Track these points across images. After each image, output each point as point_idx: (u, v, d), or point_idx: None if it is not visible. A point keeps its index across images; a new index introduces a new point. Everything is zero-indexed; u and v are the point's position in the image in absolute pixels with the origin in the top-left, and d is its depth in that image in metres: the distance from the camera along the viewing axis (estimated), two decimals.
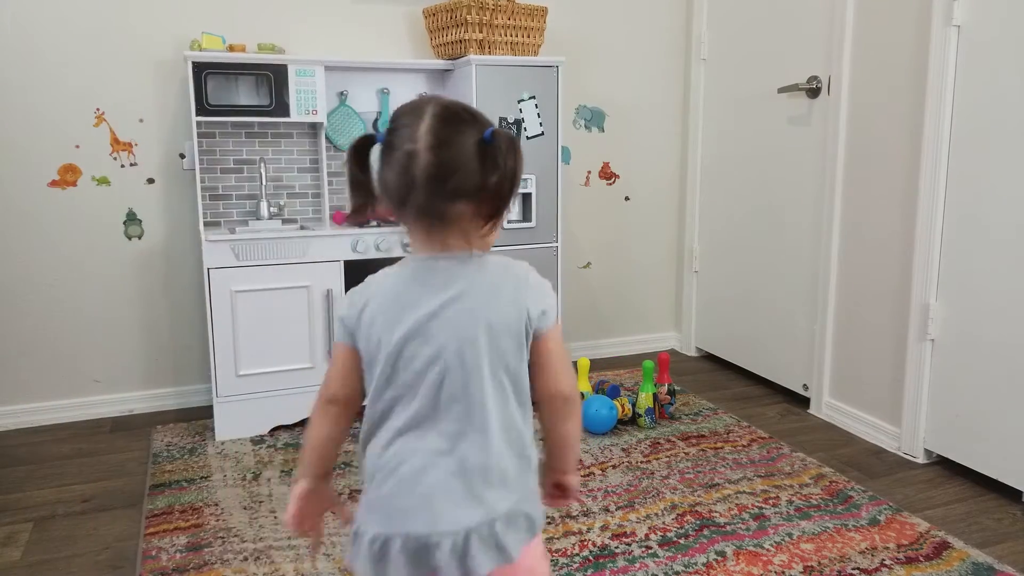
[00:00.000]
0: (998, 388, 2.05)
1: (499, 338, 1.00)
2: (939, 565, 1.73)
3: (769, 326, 2.93)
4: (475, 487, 0.99)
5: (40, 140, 2.53)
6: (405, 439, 1.01)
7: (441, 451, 0.99)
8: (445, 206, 0.98)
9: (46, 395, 2.66)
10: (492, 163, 0.97)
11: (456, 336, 0.99)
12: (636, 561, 1.75)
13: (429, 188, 0.96)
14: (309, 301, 2.49)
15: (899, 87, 2.29)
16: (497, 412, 1.00)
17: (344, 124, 2.79)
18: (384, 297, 1.04)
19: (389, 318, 1.01)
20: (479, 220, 1.00)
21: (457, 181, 0.96)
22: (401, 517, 0.98)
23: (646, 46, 3.26)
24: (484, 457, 0.99)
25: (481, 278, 1.02)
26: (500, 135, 0.98)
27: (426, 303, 1.00)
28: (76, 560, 1.80)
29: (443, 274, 1.01)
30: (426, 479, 0.98)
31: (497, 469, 1.00)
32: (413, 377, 1.00)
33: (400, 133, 0.98)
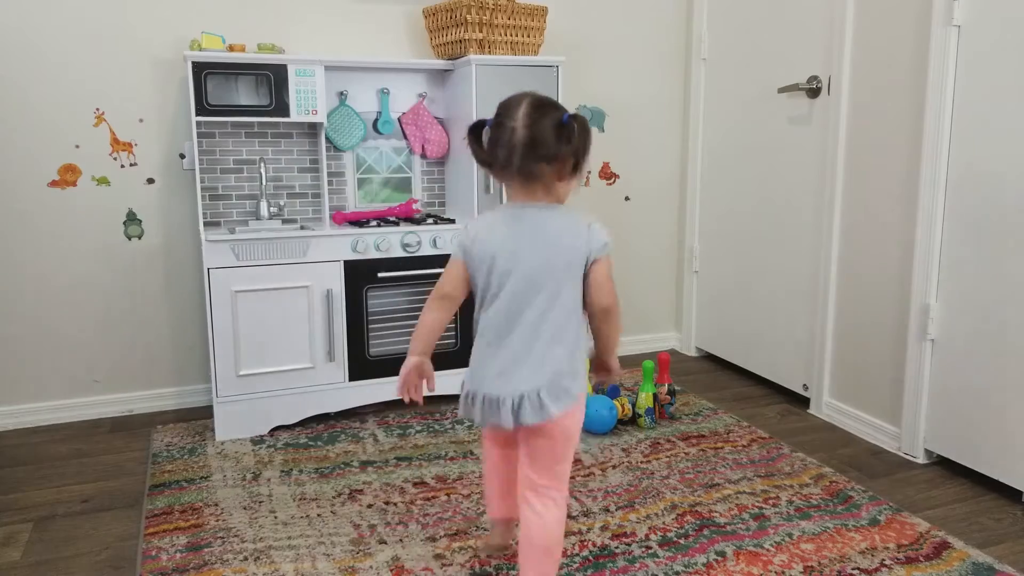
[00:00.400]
0: (998, 388, 2.05)
1: (558, 262, 1.45)
2: (939, 565, 1.73)
3: (769, 326, 2.93)
4: (527, 365, 1.45)
5: (40, 140, 2.53)
6: (489, 326, 1.50)
7: (509, 338, 1.47)
8: (533, 166, 1.43)
9: (46, 395, 2.66)
10: (566, 138, 1.42)
11: (527, 258, 1.45)
12: (636, 561, 1.75)
13: (523, 152, 1.41)
14: (309, 301, 2.49)
15: (899, 87, 2.29)
16: (549, 313, 1.45)
17: (344, 124, 2.79)
18: (487, 230, 1.50)
19: (489, 244, 1.48)
20: (557, 178, 1.46)
21: (542, 149, 1.41)
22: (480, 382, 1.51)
23: (646, 46, 3.26)
24: (536, 343, 1.45)
25: (552, 221, 1.47)
26: (574, 119, 1.44)
27: (513, 235, 1.47)
28: (76, 560, 1.80)
29: (528, 217, 1.48)
30: (495, 359, 1.48)
31: (545, 354, 1.45)
32: (497, 283, 1.47)
33: (504, 116, 1.43)
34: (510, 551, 1.75)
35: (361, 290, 2.56)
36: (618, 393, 2.76)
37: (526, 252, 1.46)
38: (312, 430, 2.53)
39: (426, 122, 2.86)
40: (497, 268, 1.47)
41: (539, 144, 1.41)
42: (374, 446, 2.40)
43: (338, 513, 1.98)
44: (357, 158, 2.86)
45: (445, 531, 1.88)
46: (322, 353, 2.53)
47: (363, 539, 1.85)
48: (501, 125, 1.43)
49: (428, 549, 1.80)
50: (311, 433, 2.51)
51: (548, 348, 1.46)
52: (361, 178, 2.87)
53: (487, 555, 1.78)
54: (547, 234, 1.46)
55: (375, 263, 2.56)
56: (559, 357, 1.47)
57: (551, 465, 1.50)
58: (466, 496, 2.06)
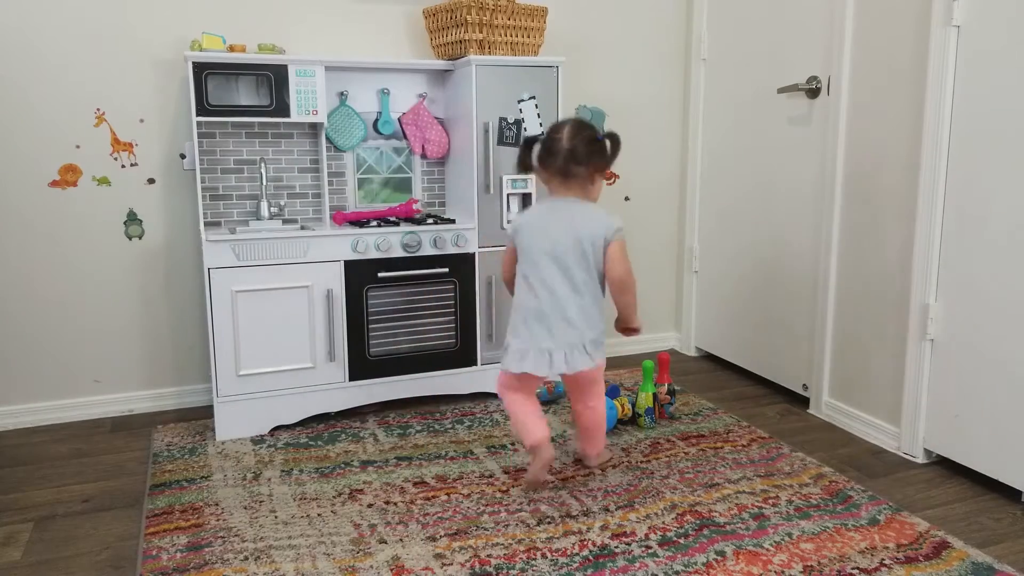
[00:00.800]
0: (998, 388, 2.05)
1: (583, 243, 1.95)
2: (939, 565, 1.73)
3: (769, 326, 2.93)
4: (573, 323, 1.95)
5: (40, 140, 2.54)
6: (529, 294, 1.98)
7: (551, 300, 1.96)
8: (571, 168, 1.98)
9: (46, 395, 2.66)
10: (598, 150, 2.00)
11: (560, 239, 1.96)
12: (636, 561, 1.75)
13: (565, 158, 1.97)
14: (309, 301, 2.49)
15: (899, 87, 2.29)
16: (578, 285, 1.96)
17: (344, 124, 2.79)
18: (530, 217, 2.05)
19: (529, 229, 2.01)
20: (591, 180, 2.03)
21: (578, 156, 1.97)
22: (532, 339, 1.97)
23: (646, 46, 3.26)
24: (574, 305, 1.95)
25: (581, 211, 1.99)
26: (606, 136, 2.00)
27: (548, 220, 2.00)
28: (76, 560, 1.81)
29: (562, 207, 2.01)
30: (541, 321, 1.96)
31: (585, 313, 1.96)
32: (535, 259, 1.98)
33: (554, 133, 2.01)
34: (548, 485, 2.11)
35: (361, 290, 2.56)
36: (618, 393, 2.76)
37: (559, 233, 1.96)
38: (312, 430, 2.53)
39: (426, 122, 2.86)
40: (536, 245, 1.98)
41: (577, 152, 1.97)
42: (374, 446, 2.41)
43: (338, 513, 1.98)
44: (357, 158, 2.86)
45: (445, 531, 1.88)
46: (322, 353, 2.53)
47: (363, 539, 1.85)
48: (551, 139, 2.00)
49: (428, 549, 1.80)
50: (311, 433, 2.51)
51: (586, 309, 1.97)
52: (361, 178, 2.87)
53: (531, 493, 2.08)
54: (574, 220, 1.97)
55: (375, 263, 2.56)
56: (595, 316, 1.99)
57: (598, 391, 2.09)
58: (466, 496, 2.06)
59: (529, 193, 2.73)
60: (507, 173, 2.70)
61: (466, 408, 2.72)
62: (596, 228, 1.95)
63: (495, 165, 2.68)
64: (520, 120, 2.69)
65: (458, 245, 2.66)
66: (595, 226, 1.95)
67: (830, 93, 2.54)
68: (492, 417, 2.63)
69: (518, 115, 2.69)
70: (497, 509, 1.99)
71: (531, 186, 2.73)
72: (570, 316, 1.95)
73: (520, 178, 2.71)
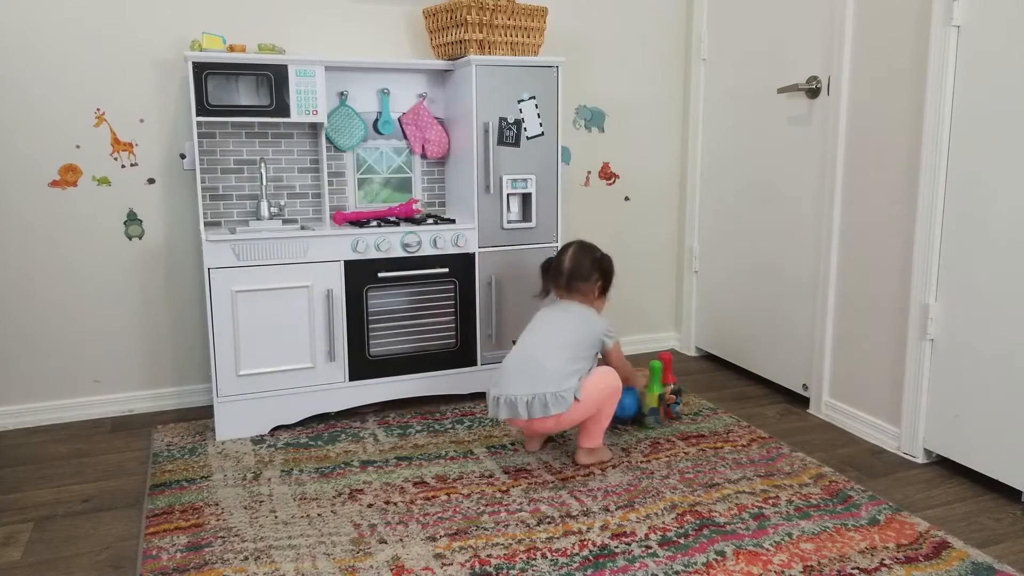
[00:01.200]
0: (998, 388, 2.05)
1: (575, 334, 2.25)
2: (939, 565, 1.73)
3: (769, 326, 2.93)
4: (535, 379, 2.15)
5: (40, 140, 2.54)
6: (513, 353, 2.26)
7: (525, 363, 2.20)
8: (573, 285, 2.35)
9: (46, 395, 2.66)
10: (597, 268, 2.37)
11: (546, 328, 2.27)
12: (636, 561, 1.75)
13: (568, 275, 2.35)
14: (310, 301, 2.49)
15: (899, 87, 2.29)
16: (554, 353, 2.19)
17: (344, 124, 2.79)
18: (539, 313, 2.37)
19: (532, 322, 2.34)
20: (592, 294, 2.37)
21: (580, 275, 2.34)
22: (505, 387, 2.19)
23: (646, 46, 3.26)
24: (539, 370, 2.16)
25: (574, 311, 2.32)
26: (604, 257, 2.41)
27: (546, 314, 2.33)
28: (76, 560, 1.81)
29: (559, 308, 2.34)
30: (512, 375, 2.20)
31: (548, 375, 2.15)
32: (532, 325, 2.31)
33: (560, 254, 2.40)
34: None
35: (361, 290, 2.56)
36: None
37: (557, 317, 2.30)
38: (312, 430, 2.53)
39: (426, 122, 2.86)
40: (531, 330, 2.30)
41: (577, 271, 2.33)
42: (374, 446, 2.41)
43: (338, 513, 1.98)
44: (357, 158, 2.86)
45: (445, 531, 1.88)
46: (322, 353, 2.53)
47: (363, 539, 1.85)
48: (557, 259, 2.39)
49: (428, 549, 1.80)
50: (311, 433, 2.51)
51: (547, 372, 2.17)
52: (361, 178, 2.88)
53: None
54: (566, 317, 2.30)
55: (375, 263, 2.56)
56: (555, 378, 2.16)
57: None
58: (466, 496, 2.06)
59: (529, 193, 2.73)
60: (507, 173, 2.70)
61: (466, 408, 2.72)
62: (594, 327, 2.29)
63: (495, 165, 2.68)
64: (520, 120, 2.69)
65: (458, 245, 2.66)
66: (593, 325, 2.29)
67: (830, 93, 2.54)
68: None
69: (518, 115, 2.69)
70: (497, 509, 1.99)
71: (531, 186, 2.73)
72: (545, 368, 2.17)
73: (520, 178, 2.71)
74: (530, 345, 2.23)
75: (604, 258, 2.39)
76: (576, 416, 2.18)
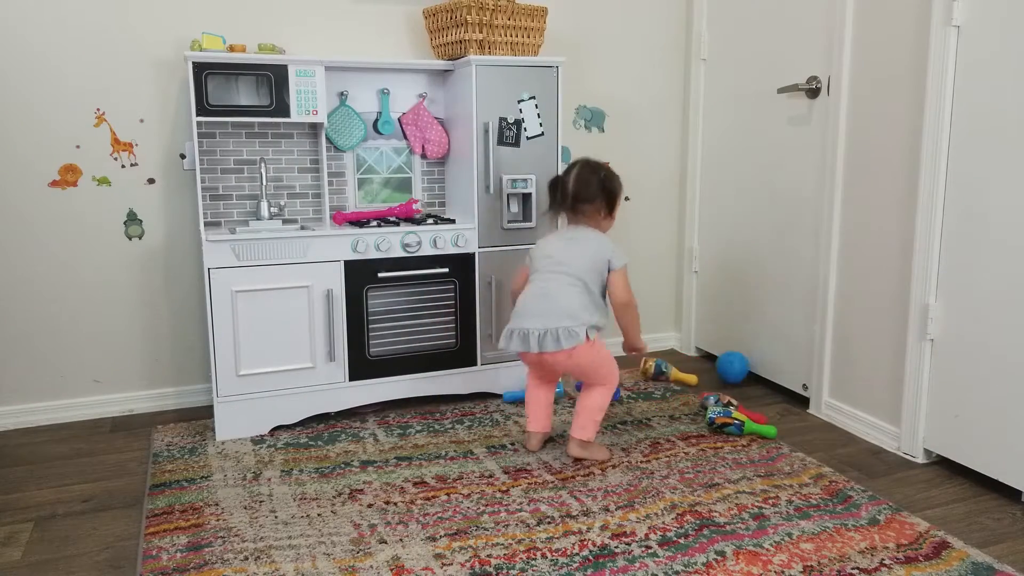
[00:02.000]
0: (998, 388, 2.05)
1: (582, 262, 2.22)
2: (938, 565, 1.73)
3: (769, 326, 2.93)
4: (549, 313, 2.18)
5: (40, 140, 2.54)
6: (526, 294, 2.26)
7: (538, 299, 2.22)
8: (578, 206, 2.29)
9: (46, 395, 2.66)
10: (602, 188, 2.29)
11: (567, 252, 2.24)
12: (636, 561, 1.75)
13: (573, 196, 2.28)
14: (309, 301, 2.49)
15: (899, 87, 2.29)
16: (567, 290, 2.20)
17: (344, 124, 2.79)
18: (543, 243, 2.32)
19: (541, 251, 2.30)
20: (599, 215, 2.31)
21: (585, 196, 2.27)
22: (518, 321, 2.22)
23: (646, 46, 3.26)
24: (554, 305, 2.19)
25: (588, 234, 2.28)
26: (608, 175, 2.30)
27: (559, 241, 2.29)
28: (76, 560, 1.81)
29: (572, 232, 2.30)
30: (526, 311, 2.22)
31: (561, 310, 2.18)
32: (540, 268, 2.27)
33: (563, 175, 2.32)
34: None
35: (361, 290, 2.56)
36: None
37: (567, 248, 2.25)
38: (312, 430, 2.53)
39: (426, 122, 2.86)
40: (544, 260, 2.27)
41: (581, 192, 2.26)
42: (374, 446, 2.41)
43: (338, 513, 1.98)
44: (357, 158, 2.86)
45: (445, 531, 1.88)
46: (322, 353, 2.53)
47: (363, 539, 1.85)
48: (562, 179, 2.30)
49: (428, 549, 1.80)
50: (311, 433, 2.51)
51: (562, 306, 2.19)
52: (361, 178, 2.88)
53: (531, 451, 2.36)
54: (581, 239, 2.26)
55: (375, 263, 2.56)
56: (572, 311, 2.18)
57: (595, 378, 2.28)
58: (466, 496, 2.06)
59: (529, 193, 2.73)
60: (507, 173, 2.70)
61: (466, 408, 2.72)
62: (601, 250, 2.23)
63: (495, 165, 2.68)
64: (520, 120, 2.69)
65: (458, 245, 2.66)
66: (599, 247, 2.24)
67: (830, 93, 2.54)
68: (492, 417, 2.63)
69: (518, 115, 2.69)
70: (497, 509, 1.99)
71: (531, 186, 2.73)
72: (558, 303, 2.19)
73: (520, 178, 2.71)
74: (542, 282, 2.23)
75: (609, 177, 2.30)
76: (585, 359, 2.19)
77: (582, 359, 2.19)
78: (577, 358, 2.18)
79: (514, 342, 2.21)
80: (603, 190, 2.28)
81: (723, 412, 2.48)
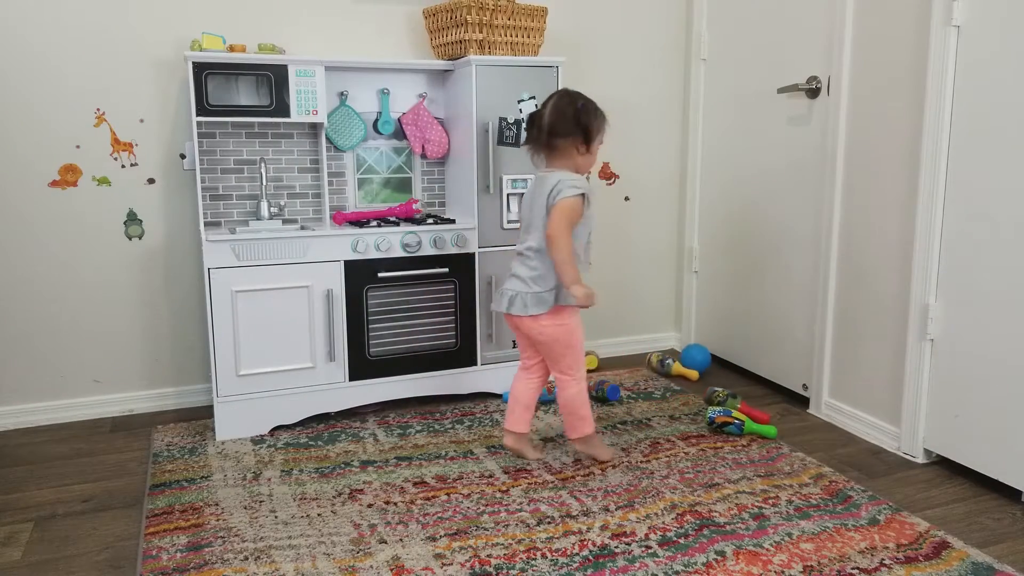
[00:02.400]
0: (998, 388, 2.05)
1: (540, 220, 2.08)
2: (938, 565, 1.73)
3: (769, 326, 2.93)
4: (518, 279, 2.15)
5: (40, 140, 2.54)
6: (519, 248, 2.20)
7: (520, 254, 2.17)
8: (552, 141, 2.09)
9: (46, 395, 2.66)
10: (577, 120, 2.07)
11: (535, 201, 2.11)
12: (636, 561, 1.75)
13: (547, 130, 2.08)
14: (309, 301, 2.49)
15: (899, 87, 2.29)
16: (534, 257, 2.12)
17: (344, 124, 2.79)
18: (526, 193, 2.23)
19: (523, 203, 2.22)
20: (574, 150, 2.10)
21: (559, 130, 2.07)
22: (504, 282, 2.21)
23: (646, 46, 3.26)
24: (523, 270, 2.14)
25: (551, 179, 2.06)
26: (586, 107, 2.10)
27: (532, 193, 2.15)
28: (76, 560, 1.81)
29: (541, 179, 2.12)
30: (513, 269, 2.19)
31: (529, 274, 2.12)
32: (525, 220, 2.18)
33: (541, 107, 2.12)
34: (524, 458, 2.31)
35: (361, 290, 2.56)
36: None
37: (534, 203, 2.12)
38: (312, 430, 2.53)
39: (426, 122, 2.86)
40: (523, 216, 2.19)
41: (555, 124, 2.06)
42: (374, 446, 2.41)
43: (338, 513, 1.98)
44: (357, 158, 2.86)
45: (445, 531, 1.88)
46: (322, 353, 2.53)
47: (363, 539, 1.85)
48: (535, 114, 2.13)
49: (428, 549, 1.80)
50: (311, 433, 2.51)
51: (536, 267, 2.11)
52: (361, 178, 2.87)
53: (510, 453, 2.33)
54: (544, 188, 2.07)
55: (375, 263, 2.56)
56: (544, 275, 2.11)
57: (554, 356, 2.19)
58: (466, 496, 2.06)
59: None
60: (507, 173, 2.70)
61: (466, 408, 2.72)
62: (553, 191, 2.04)
63: (495, 165, 2.68)
64: (520, 120, 2.69)
65: (458, 245, 2.66)
66: (550, 190, 2.05)
67: (830, 93, 2.54)
68: (492, 417, 2.63)
69: (518, 115, 2.69)
70: (497, 509, 1.99)
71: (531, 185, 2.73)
72: (521, 272, 2.14)
73: (520, 178, 2.71)
74: (520, 243, 2.17)
75: (587, 107, 2.09)
76: (547, 332, 2.12)
77: (544, 331, 2.13)
78: (545, 327, 2.13)
79: (496, 300, 2.21)
80: (578, 124, 2.06)
81: (723, 411, 2.48)
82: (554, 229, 2.02)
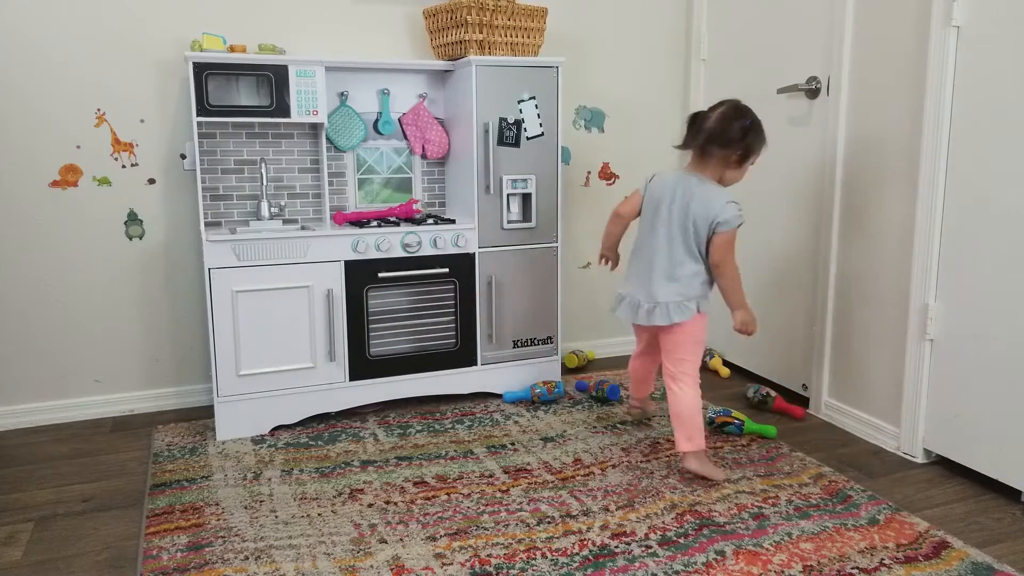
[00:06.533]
0: (998, 388, 2.05)
1: (692, 218, 2.09)
2: (938, 565, 1.73)
3: (769, 326, 2.93)
4: (662, 282, 2.13)
5: (41, 140, 2.54)
6: (641, 247, 2.20)
7: (651, 259, 2.15)
8: (709, 148, 2.10)
9: (46, 395, 2.66)
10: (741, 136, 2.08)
11: (674, 208, 2.12)
12: (636, 560, 1.75)
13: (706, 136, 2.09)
14: (310, 301, 2.49)
15: (898, 88, 2.29)
16: (677, 248, 2.12)
17: (344, 125, 2.79)
18: (660, 180, 2.20)
19: (654, 191, 2.20)
20: (728, 163, 2.11)
21: (720, 140, 2.08)
22: (630, 288, 2.21)
23: (646, 46, 3.26)
24: (667, 267, 2.13)
25: (701, 191, 2.09)
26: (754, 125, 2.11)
27: (671, 189, 2.14)
28: (77, 560, 1.81)
29: (687, 182, 2.12)
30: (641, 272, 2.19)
31: (671, 275, 2.13)
32: (651, 220, 2.18)
33: (709, 110, 2.12)
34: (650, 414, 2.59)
35: (361, 290, 2.56)
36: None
37: (674, 204, 2.12)
38: (313, 430, 2.54)
39: (426, 122, 2.87)
40: (652, 207, 2.17)
41: (718, 134, 2.07)
42: (374, 446, 2.41)
43: (339, 512, 1.98)
44: (357, 158, 2.86)
45: (445, 530, 1.88)
46: (323, 353, 2.53)
47: (363, 538, 1.85)
48: (702, 115, 2.13)
49: (428, 548, 1.80)
50: (312, 433, 2.51)
51: (677, 276, 2.12)
52: (361, 178, 2.88)
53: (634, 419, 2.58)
54: (691, 197, 2.09)
55: (375, 263, 2.56)
56: (684, 284, 2.12)
57: (677, 357, 2.16)
58: (466, 496, 2.07)
59: (529, 193, 2.73)
60: (507, 173, 2.70)
61: (466, 408, 2.73)
62: (707, 212, 2.07)
63: (495, 165, 2.68)
64: (520, 120, 2.69)
65: (458, 245, 2.66)
66: (706, 210, 2.07)
67: (830, 93, 2.54)
68: (492, 417, 2.63)
69: (518, 115, 2.69)
70: (497, 509, 1.99)
71: (531, 186, 2.73)
72: (659, 277, 2.14)
73: (520, 178, 2.71)
74: (651, 248, 2.15)
75: (754, 126, 2.10)
76: (682, 335, 2.13)
77: (684, 328, 2.13)
78: (678, 333, 2.14)
79: (623, 309, 2.22)
80: (743, 140, 2.07)
81: (723, 411, 2.49)
82: (722, 256, 2.09)
